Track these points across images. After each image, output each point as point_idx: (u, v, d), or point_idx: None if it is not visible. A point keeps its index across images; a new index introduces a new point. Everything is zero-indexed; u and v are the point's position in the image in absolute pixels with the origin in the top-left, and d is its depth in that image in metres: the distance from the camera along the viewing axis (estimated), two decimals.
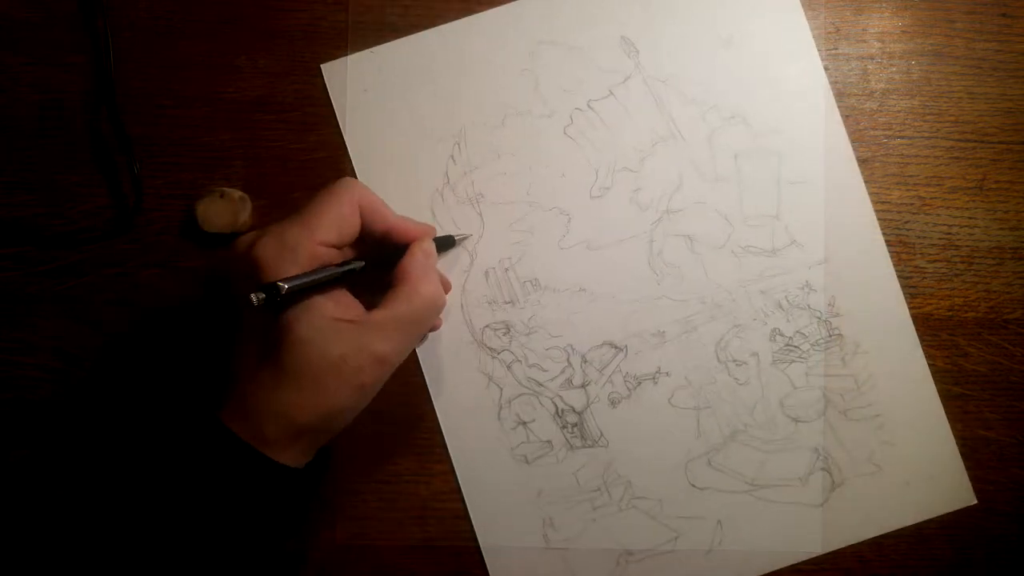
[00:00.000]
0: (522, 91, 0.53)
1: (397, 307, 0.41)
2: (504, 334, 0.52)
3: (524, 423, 0.52)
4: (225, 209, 0.50)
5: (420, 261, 0.43)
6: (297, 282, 0.39)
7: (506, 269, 0.52)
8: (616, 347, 0.52)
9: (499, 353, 0.52)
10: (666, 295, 0.52)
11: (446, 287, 0.50)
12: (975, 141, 0.54)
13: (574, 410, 0.52)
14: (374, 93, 0.53)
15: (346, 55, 0.53)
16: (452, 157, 0.52)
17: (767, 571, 0.51)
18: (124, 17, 0.53)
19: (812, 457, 0.52)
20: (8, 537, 0.51)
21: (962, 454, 0.52)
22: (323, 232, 0.41)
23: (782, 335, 0.52)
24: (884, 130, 0.54)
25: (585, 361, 0.52)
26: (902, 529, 0.52)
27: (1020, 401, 0.53)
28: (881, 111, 0.54)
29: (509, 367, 0.52)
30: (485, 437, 0.51)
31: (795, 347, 0.52)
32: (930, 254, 0.53)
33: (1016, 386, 0.53)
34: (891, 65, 0.54)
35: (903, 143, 0.54)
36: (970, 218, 0.53)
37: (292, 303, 0.40)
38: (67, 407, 0.51)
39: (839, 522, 0.51)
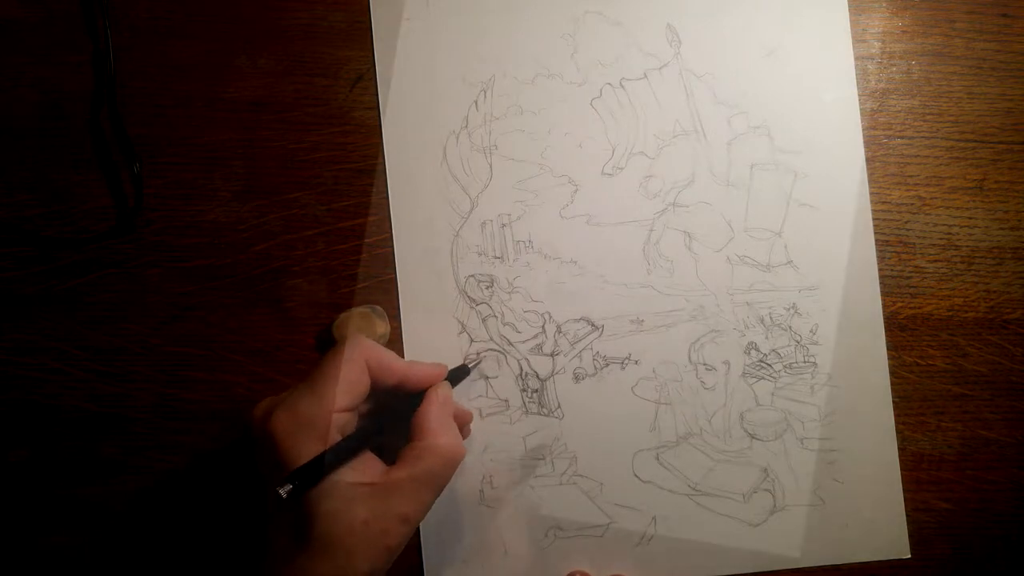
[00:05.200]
0: (559, 55, 0.53)
1: (416, 465, 0.42)
2: (487, 287, 0.52)
3: (486, 378, 0.52)
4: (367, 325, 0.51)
5: (436, 412, 0.44)
6: (316, 470, 0.40)
7: (503, 225, 0.53)
8: (593, 324, 0.52)
9: (477, 304, 0.52)
10: (653, 285, 0.52)
11: (466, 419, 0.50)
12: (975, 141, 0.54)
13: (538, 376, 0.52)
14: (416, 23, 0.53)
15: None
16: (476, 103, 0.53)
17: None
18: (124, 17, 0.53)
19: (760, 476, 0.52)
20: (8, 537, 0.51)
21: (962, 454, 0.52)
22: (334, 400, 0.41)
23: (758, 350, 0.52)
24: (884, 130, 0.54)
25: (559, 331, 0.52)
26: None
27: (1020, 401, 0.53)
28: (881, 111, 0.54)
29: (484, 320, 0.52)
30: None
31: (768, 365, 0.52)
32: (930, 254, 0.53)
33: (1016, 386, 0.53)
34: (891, 65, 0.54)
35: (903, 143, 0.54)
36: (970, 218, 0.53)
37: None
38: (67, 407, 0.51)
39: (771, 545, 0.51)
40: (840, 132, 0.53)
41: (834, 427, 0.52)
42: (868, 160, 0.53)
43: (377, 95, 0.53)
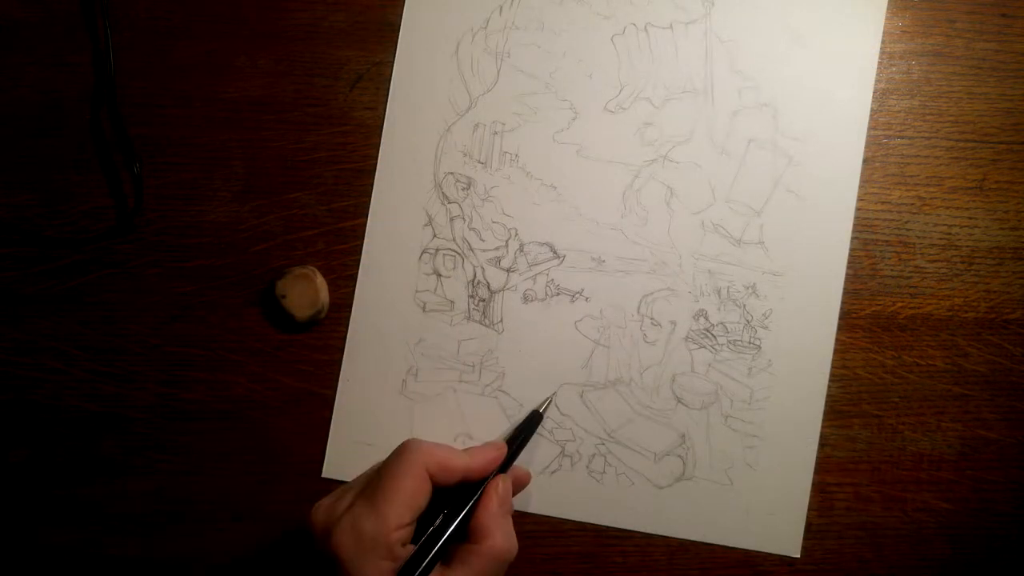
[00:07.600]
0: None
1: (475, 566, 0.43)
2: (463, 188, 0.53)
3: (439, 275, 0.53)
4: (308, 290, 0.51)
5: (494, 511, 0.45)
6: None
7: (495, 132, 0.53)
8: (555, 252, 0.53)
9: (449, 203, 0.53)
10: (623, 230, 0.53)
11: (525, 480, 0.50)
12: (975, 141, 0.54)
13: (489, 287, 0.52)
14: None
15: None
16: (501, 8, 0.53)
17: (572, 520, 0.52)
18: (124, 17, 0.53)
19: (676, 441, 0.52)
20: (7, 536, 0.51)
21: (962, 454, 0.52)
22: (398, 518, 0.42)
23: (706, 319, 0.52)
24: (884, 130, 0.54)
25: (521, 250, 0.53)
26: (899, 528, 0.52)
27: (1020, 401, 0.53)
28: (881, 111, 0.54)
29: (451, 220, 0.53)
30: (399, 268, 0.52)
31: (712, 336, 0.52)
32: (930, 254, 0.53)
33: (1016, 386, 0.53)
34: (891, 65, 0.54)
35: (903, 143, 0.54)
36: (970, 218, 0.53)
37: None
38: (67, 407, 0.51)
39: (669, 511, 0.52)
40: (844, 131, 0.53)
41: (761, 414, 0.52)
42: (868, 160, 0.53)
43: None
